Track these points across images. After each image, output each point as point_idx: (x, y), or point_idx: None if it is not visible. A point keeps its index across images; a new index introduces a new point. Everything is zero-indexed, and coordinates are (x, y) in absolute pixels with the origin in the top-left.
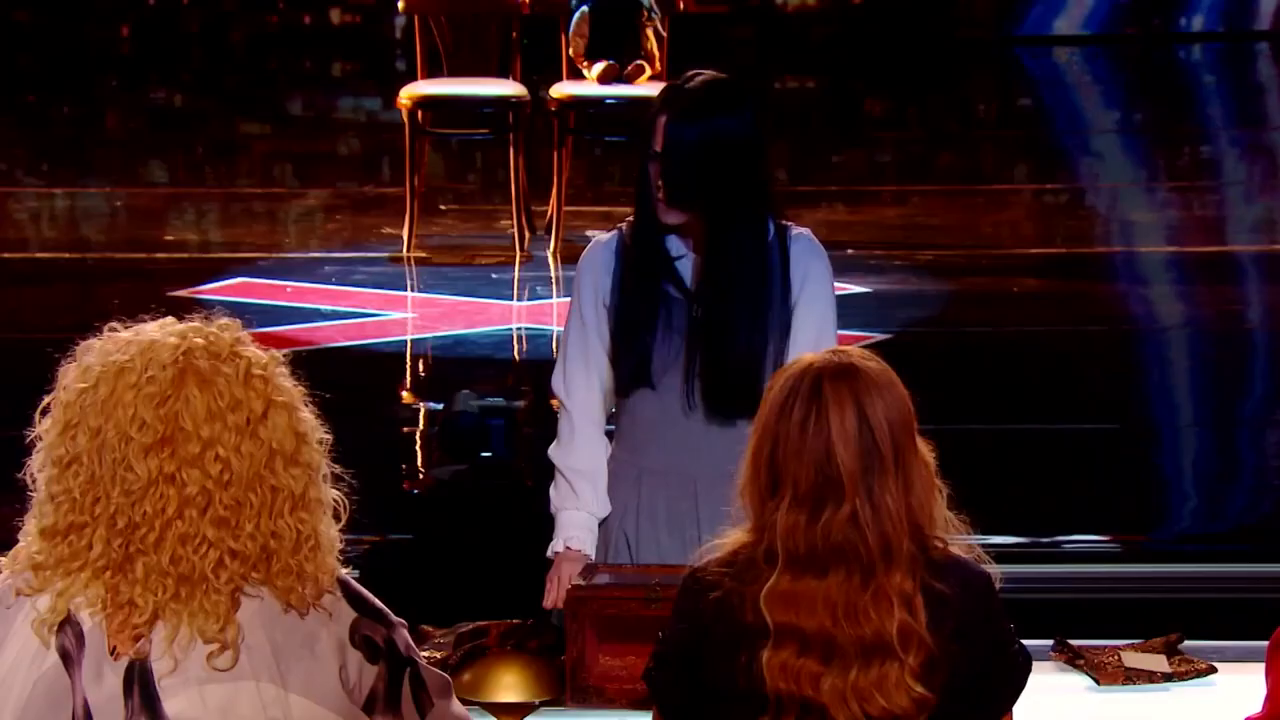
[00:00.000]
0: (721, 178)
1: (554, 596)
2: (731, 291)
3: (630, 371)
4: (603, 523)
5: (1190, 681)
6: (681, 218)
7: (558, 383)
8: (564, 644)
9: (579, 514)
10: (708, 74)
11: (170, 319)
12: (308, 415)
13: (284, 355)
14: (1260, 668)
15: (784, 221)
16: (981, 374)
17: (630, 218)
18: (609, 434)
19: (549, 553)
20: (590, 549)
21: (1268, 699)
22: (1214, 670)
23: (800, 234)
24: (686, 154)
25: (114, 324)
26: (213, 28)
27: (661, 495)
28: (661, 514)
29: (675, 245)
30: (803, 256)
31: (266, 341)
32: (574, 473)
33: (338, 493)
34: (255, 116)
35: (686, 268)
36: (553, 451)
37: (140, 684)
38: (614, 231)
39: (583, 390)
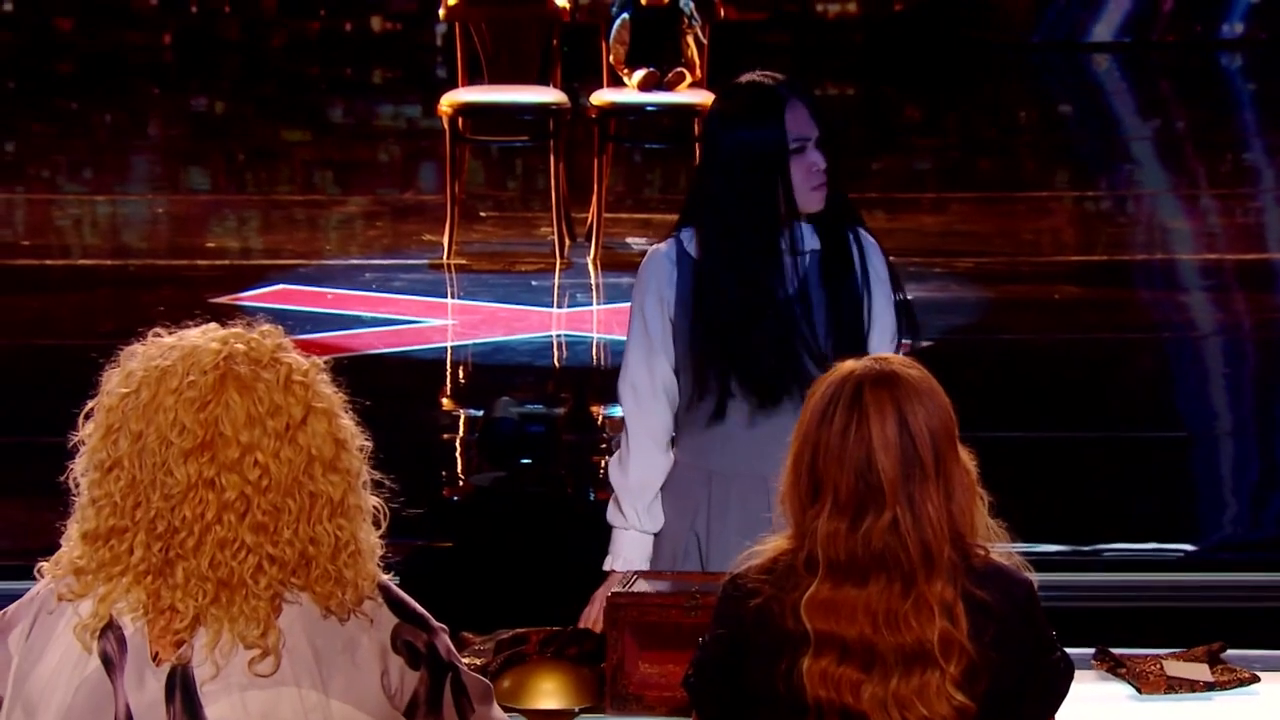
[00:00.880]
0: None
1: (591, 618)
2: (836, 286)
3: (719, 381)
4: (672, 527)
5: (1233, 691)
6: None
7: (624, 397)
8: (604, 651)
9: (629, 533)
10: (765, 71)
11: (213, 325)
12: (347, 422)
13: (325, 362)
14: None
15: None
16: (1022, 382)
17: (687, 226)
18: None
19: (604, 566)
20: (639, 566)
21: None
22: (1257, 679)
23: (863, 232)
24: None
25: (158, 329)
26: (253, 35)
27: (734, 497)
28: (734, 515)
29: None
30: (870, 256)
31: (307, 348)
32: (624, 490)
33: (378, 499)
34: (296, 123)
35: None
36: (610, 465)
37: (182, 689)
38: (670, 242)
39: (646, 407)
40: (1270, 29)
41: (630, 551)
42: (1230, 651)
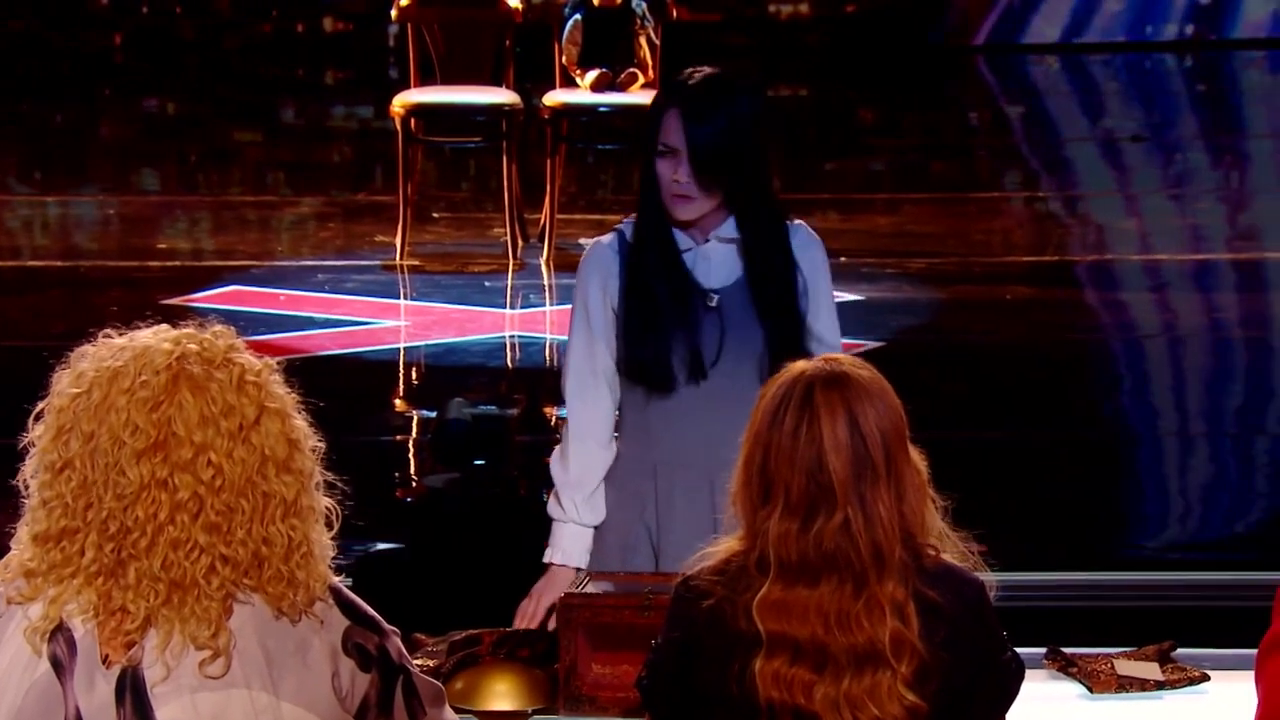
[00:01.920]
0: (745, 163)
1: (528, 613)
2: (767, 278)
3: (649, 368)
4: (618, 519)
5: (1183, 689)
6: (698, 212)
7: (566, 388)
8: (557, 652)
9: (568, 526)
10: (706, 68)
11: (165, 326)
12: (300, 422)
13: (277, 363)
14: (1252, 675)
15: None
16: (974, 382)
17: (629, 219)
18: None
19: (544, 559)
20: (578, 560)
21: (1260, 706)
22: (1207, 678)
23: (799, 225)
24: (713, 140)
25: (108, 331)
26: (206, 36)
27: (679, 487)
28: (679, 506)
29: (681, 239)
30: (804, 249)
31: (259, 349)
32: (563, 483)
33: (330, 500)
34: (248, 124)
35: (692, 261)
36: (552, 457)
37: (132, 692)
38: (613, 233)
39: (589, 400)
40: (1217, 30)
41: (569, 544)
42: (1180, 650)
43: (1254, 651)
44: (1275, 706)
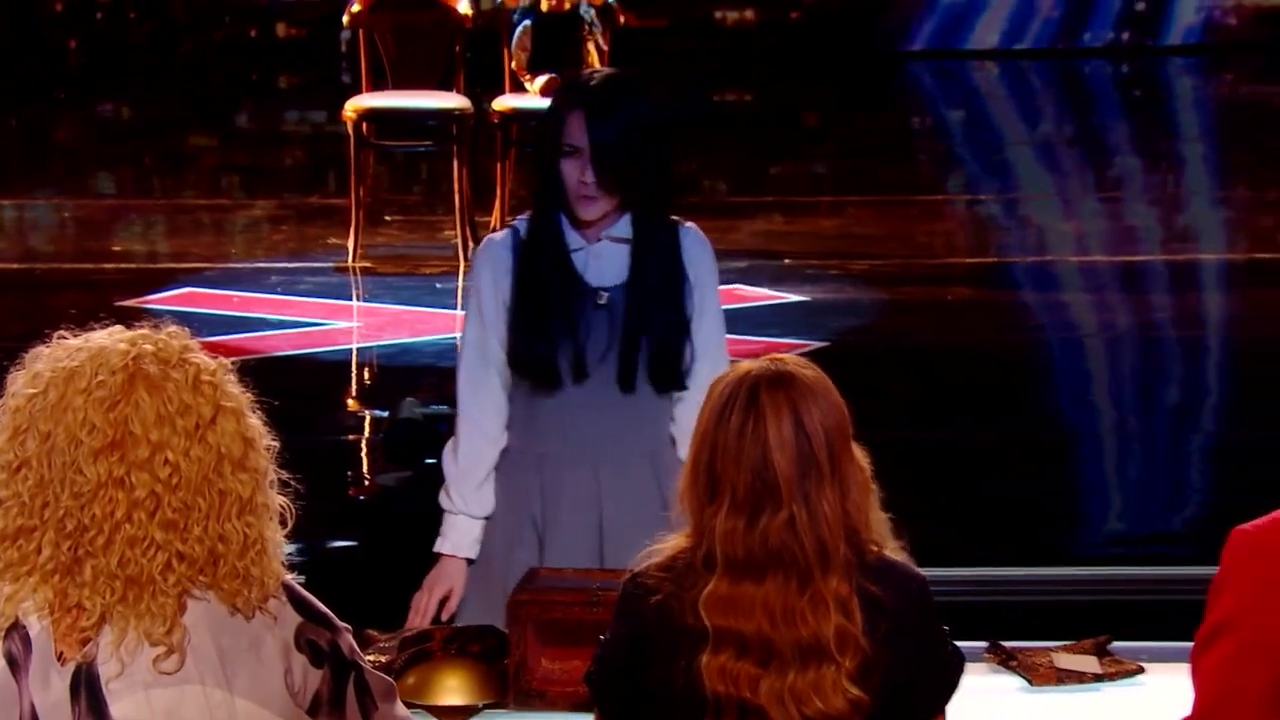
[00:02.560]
0: (647, 162)
1: (420, 611)
2: (658, 278)
3: (537, 365)
4: (504, 511)
5: (1120, 682)
6: (602, 211)
7: (459, 381)
8: (507, 648)
9: (458, 517)
10: (605, 70)
11: (119, 327)
12: (255, 421)
13: (232, 363)
14: (1187, 668)
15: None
16: (916, 382)
17: (524, 216)
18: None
19: (434, 549)
20: (467, 550)
21: (1196, 698)
22: (1142, 670)
23: (689, 228)
24: (616, 139)
25: (63, 332)
26: (160, 40)
27: (566, 480)
28: (566, 498)
29: (573, 239)
30: (692, 249)
31: (214, 350)
32: (452, 476)
33: (284, 498)
34: (202, 128)
35: (583, 260)
36: (444, 452)
37: (87, 688)
38: (507, 230)
39: (480, 393)
40: (1154, 36)
41: (458, 536)
42: (1117, 644)
43: (1189, 645)
44: (1211, 698)
